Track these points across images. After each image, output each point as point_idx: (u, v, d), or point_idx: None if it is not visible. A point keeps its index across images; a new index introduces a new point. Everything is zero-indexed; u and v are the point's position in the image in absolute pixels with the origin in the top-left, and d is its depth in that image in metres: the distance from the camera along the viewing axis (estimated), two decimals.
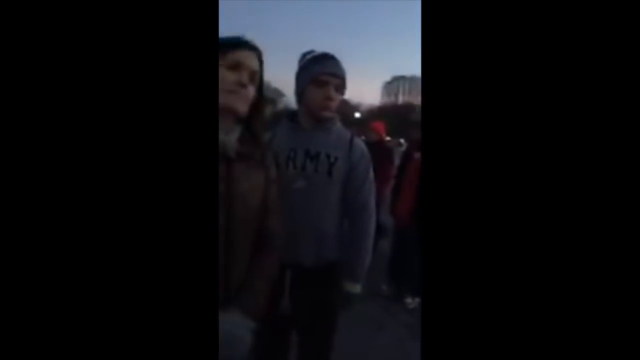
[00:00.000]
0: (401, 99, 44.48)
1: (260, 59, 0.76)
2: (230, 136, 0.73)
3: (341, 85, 1.02)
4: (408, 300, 2.48)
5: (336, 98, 1.01)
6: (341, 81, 1.02)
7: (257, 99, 0.76)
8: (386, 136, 3.46)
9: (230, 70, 0.70)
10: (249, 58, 0.72)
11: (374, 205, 1.08)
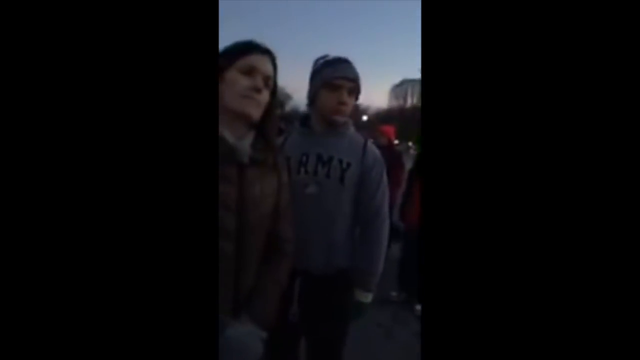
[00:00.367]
0: (409, 102, 44.26)
1: (274, 63, 0.75)
2: (243, 141, 0.72)
3: (355, 89, 1.00)
4: (418, 307, 2.44)
5: (349, 102, 1.00)
6: (355, 85, 1.00)
7: (271, 104, 0.75)
8: (395, 140, 3.43)
9: (244, 75, 0.69)
10: (263, 62, 0.71)
11: (387, 212, 1.06)
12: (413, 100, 44.31)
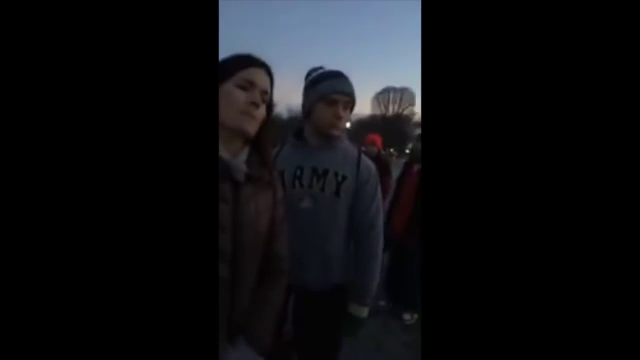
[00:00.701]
0: (391, 110, 45.08)
1: (272, 78, 0.73)
2: (238, 158, 0.69)
3: (350, 103, 1.00)
4: (406, 316, 2.43)
5: (345, 116, 0.99)
6: (350, 99, 0.99)
7: (267, 119, 0.73)
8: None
9: (242, 90, 0.67)
10: (260, 76, 0.69)
11: (382, 225, 1.05)
12: (394, 108, 45.12)
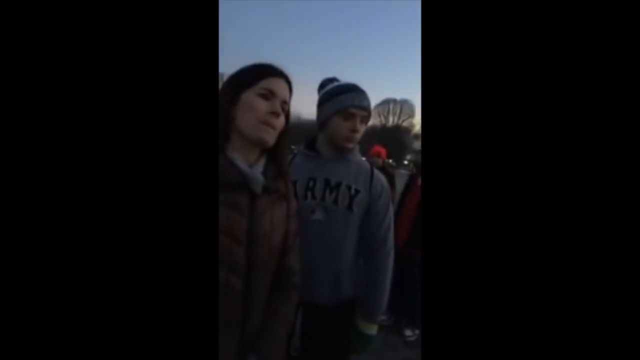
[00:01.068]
0: (391, 121, 45.40)
1: (290, 88, 0.72)
2: (255, 169, 0.68)
3: (367, 117, 0.99)
4: (407, 332, 2.39)
5: (361, 130, 0.98)
6: (368, 113, 0.99)
7: (285, 129, 0.72)
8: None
9: (263, 99, 0.66)
10: (281, 86, 0.68)
11: (393, 241, 1.03)
12: (394, 119, 45.46)
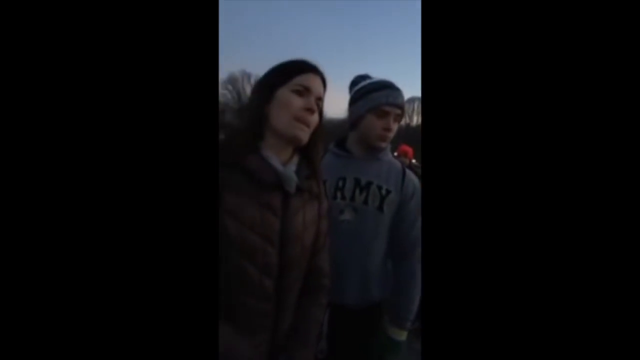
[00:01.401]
0: (415, 120, 44.53)
1: (325, 85, 0.70)
2: (289, 168, 0.66)
3: (400, 116, 0.96)
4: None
5: (394, 129, 0.95)
6: (402, 112, 0.95)
7: (319, 127, 0.70)
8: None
9: (298, 95, 0.64)
10: (316, 82, 0.67)
11: None
12: (419, 118, 44.54)
